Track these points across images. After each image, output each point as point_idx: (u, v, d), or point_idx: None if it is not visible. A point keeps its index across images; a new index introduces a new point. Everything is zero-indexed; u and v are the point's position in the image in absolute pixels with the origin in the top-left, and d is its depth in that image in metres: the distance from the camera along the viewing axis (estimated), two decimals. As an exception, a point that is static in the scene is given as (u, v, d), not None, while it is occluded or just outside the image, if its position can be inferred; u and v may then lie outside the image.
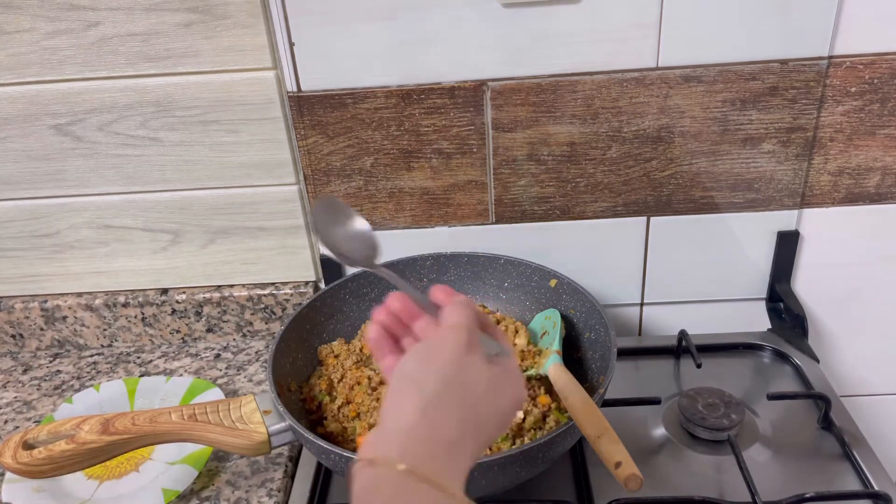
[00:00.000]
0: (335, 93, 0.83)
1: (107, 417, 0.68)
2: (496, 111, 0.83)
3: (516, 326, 0.84)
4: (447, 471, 0.44)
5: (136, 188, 0.90)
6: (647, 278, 0.94)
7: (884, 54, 0.80)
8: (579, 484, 0.75)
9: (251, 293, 0.96)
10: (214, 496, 0.75)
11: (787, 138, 0.84)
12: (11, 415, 0.89)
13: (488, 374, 0.48)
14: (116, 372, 0.95)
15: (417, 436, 0.44)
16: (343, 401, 0.76)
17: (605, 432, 0.60)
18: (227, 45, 0.80)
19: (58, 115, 0.85)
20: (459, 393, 0.46)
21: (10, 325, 0.98)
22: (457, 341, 0.48)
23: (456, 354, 0.47)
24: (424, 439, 0.44)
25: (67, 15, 0.79)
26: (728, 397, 0.80)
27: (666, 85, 0.81)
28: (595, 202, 0.89)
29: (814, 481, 0.73)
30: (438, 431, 0.44)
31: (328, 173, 0.88)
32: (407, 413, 0.45)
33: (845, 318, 0.96)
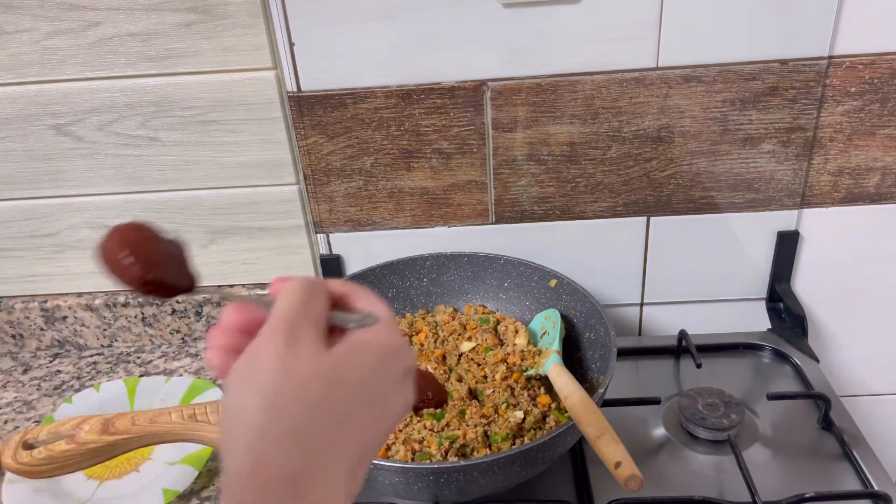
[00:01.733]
0: (335, 93, 0.83)
1: (107, 417, 0.68)
2: (496, 111, 0.83)
3: (516, 326, 0.84)
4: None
5: (136, 188, 0.90)
6: (647, 278, 0.94)
7: (884, 54, 0.80)
8: (579, 484, 0.74)
9: (251, 293, 0.96)
10: (214, 496, 0.75)
11: (787, 138, 0.84)
12: (11, 415, 0.89)
13: (330, 361, 0.37)
14: (116, 372, 0.95)
15: (248, 481, 0.35)
16: (343, 401, 0.76)
17: (605, 432, 0.60)
18: (227, 45, 0.80)
19: (58, 115, 0.85)
20: (293, 406, 0.36)
21: (10, 325, 0.98)
22: (272, 341, 0.37)
23: (274, 359, 0.36)
24: (257, 482, 0.35)
25: (67, 15, 0.79)
26: (728, 397, 0.80)
27: (666, 85, 0.81)
28: (595, 202, 0.89)
29: (814, 481, 0.73)
30: (271, 468, 0.35)
31: (328, 173, 0.88)
32: (237, 454, 0.35)
33: (845, 318, 0.96)
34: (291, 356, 0.37)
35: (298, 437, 0.35)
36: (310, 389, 0.36)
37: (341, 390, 0.37)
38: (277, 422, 0.35)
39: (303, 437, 0.36)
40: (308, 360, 0.37)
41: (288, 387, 0.36)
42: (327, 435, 0.36)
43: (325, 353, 0.37)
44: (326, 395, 0.37)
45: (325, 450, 0.36)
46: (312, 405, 0.36)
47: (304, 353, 0.37)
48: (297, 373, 0.36)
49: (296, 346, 0.37)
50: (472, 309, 0.89)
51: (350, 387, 0.37)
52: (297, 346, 0.37)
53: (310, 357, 0.37)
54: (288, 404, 0.36)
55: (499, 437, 0.69)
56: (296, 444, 0.35)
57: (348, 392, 0.37)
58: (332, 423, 0.37)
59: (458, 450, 0.68)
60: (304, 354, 0.37)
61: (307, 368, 0.37)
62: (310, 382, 0.36)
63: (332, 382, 0.37)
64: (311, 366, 0.37)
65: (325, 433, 0.36)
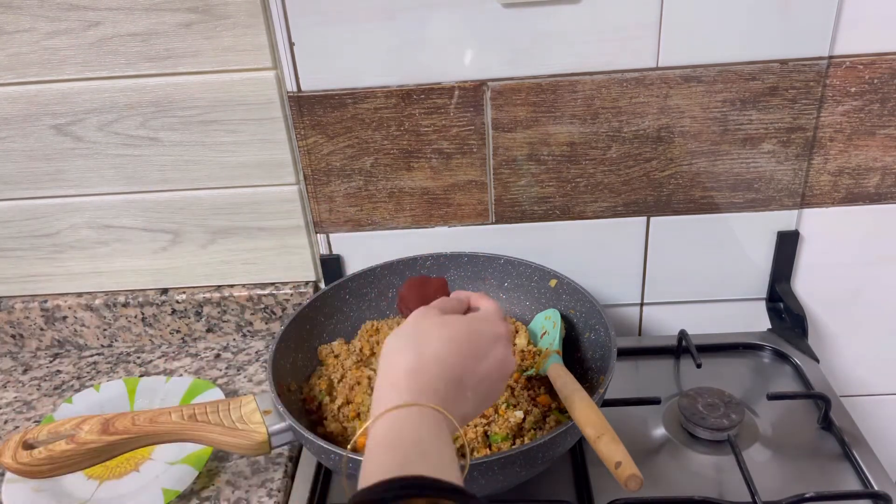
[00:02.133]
0: (335, 93, 0.83)
1: (107, 417, 0.68)
2: (496, 111, 0.83)
3: (516, 326, 0.84)
4: (448, 404, 0.53)
5: (136, 188, 0.90)
6: (647, 278, 0.94)
7: (884, 54, 0.80)
8: (579, 484, 0.75)
9: (251, 293, 0.96)
10: (214, 496, 0.75)
11: (787, 138, 0.84)
12: (11, 415, 0.89)
13: (463, 321, 0.59)
14: (116, 372, 0.95)
15: (415, 375, 0.53)
16: (343, 401, 0.76)
17: (605, 432, 0.60)
18: (227, 45, 0.80)
19: (58, 115, 0.85)
20: (444, 337, 0.56)
21: (10, 325, 0.98)
22: (424, 313, 0.59)
23: (430, 318, 0.58)
24: (423, 376, 0.53)
25: (67, 15, 0.79)
26: (728, 397, 0.80)
27: (666, 85, 0.81)
28: (595, 202, 0.89)
29: (814, 481, 0.73)
30: (435, 367, 0.54)
31: (328, 173, 0.88)
32: (401, 366, 0.54)
33: (845, 318, 0.96)
34: (440, 318, 0.59)
35: (450, 352, 0.56)
36: (453, 334, 0.57)
37: (474, 339, 0.58)
38: (438, 353, 0.55)
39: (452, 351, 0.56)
40: (451, 317, 0.59)
41: (444, 329, 0.57)
42: (472, 365, 0.56)
43: (459, 317, 0.60)
44: (464, 340, 0.57)
45: (464, 369, 0.56)
46: (458, 345, 0.56)
47: (448, 316, 0.60)
48: (445, 323, 0.58)
49: (444, 314, 0.60)
50: (472, 309, 0.89)
51: (477, 337, 0.58)
52: (440, 314, 0.60)
53: (451, 317, 0.59)
54: (443, 336, 0.56)
55: (499, 437, 0.69)
56: (454, 352, 0.56)
57: (476, 340, 0.58)
58: (473, 359, 0.57)
59: (458, 450, 0.68)
60: (448, 316, 0.60)
61: (451, 322, 0.58)
62: (454, 330, 0.57)
63: (468, 333, 0.58)
64: (452, 321, 0.59)
65: (471, 365, 0.56)
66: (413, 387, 0.52)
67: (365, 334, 0.86)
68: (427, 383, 0.53)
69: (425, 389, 0.52)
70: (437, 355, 0.55)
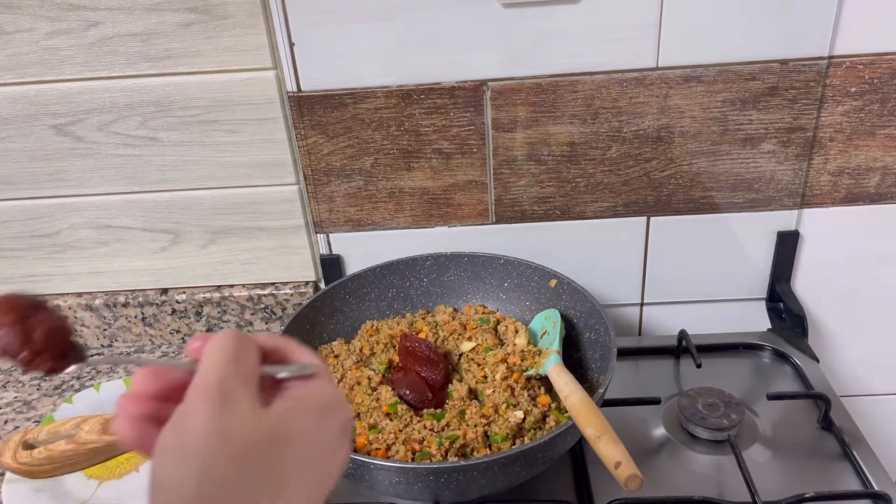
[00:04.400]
0: (335, 93, 0.83)
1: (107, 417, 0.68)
2: (496, 111, 0.83)
3: (516, 326, 0.84)
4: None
5: (136, 188, 0.90)
6: (647, 278, 0.94)
7: (884, 54, 0.80)
8: (579, 484, 0.75)
9: (251, 293, 0.96)
10: (214, 496, 0.75)
11: (787, 138, 0.84)
12: (11, 415, 0.89)
13: (269, 420, 0.35)
14: (116, 372, 0.95)
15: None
16: (343, 401, 0.76)
17: (605, 432, 0.60)
18: (227, 45, 0.80)
19: (58, 115, 0.85)
20: (231, 473, 0.33)
21: (10, 325, 0.98)
22: (203, 403, 0.34)
23: (207, 423, 0.33)
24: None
25: (67, 15, 0.79)
26: (728, 397, 0.80)
27: (666, 85, 0.81)
28: (595, 202, 0.89)
29: (814, 481, 0.73)
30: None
31: (328, 173, 0.88)
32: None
33: (845, 318, 0.96)
34: (226, 418, 0.34)
35: (249, 499, 0.34)
36: (248, 453, 0.34)
37: (281, 451, 0.35)
38: (214, 493, 0.33)
39: (253, 497, 0.34)
40: (244, 420, 0.34)
41: (224, 452, 0.33)
42: (268, 500, 0.34)
43: (262, 412, 0.35)
44: (266, 456, 0.34)
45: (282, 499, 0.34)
46: (251, 470, 0.34)
47: (240, 414, 0.34)
48: (234, 436, 0.34)
49: (230, 407, 0.34)
50: (472, 309, 0.89)
51: (291, 446, 0.35)
52: (231, 407, 0.34)
53: (246, 417, 0.34)
54: (226, 472, 0.33)
55: (499, 437, 0.69)
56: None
57: (288, 452, 0.35)
58: (273, 487, 0.34)
59: (458, 450, 0.68)
60: (239, 415, 0.34)
61: (244, 430, 0.34)
62: (248, 445, 0.34)
63: (273, 442, 0.35)
64: (249, 427, 0.34)
65: (266, 498, 0.34)
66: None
67: (365, 334, 0.86)
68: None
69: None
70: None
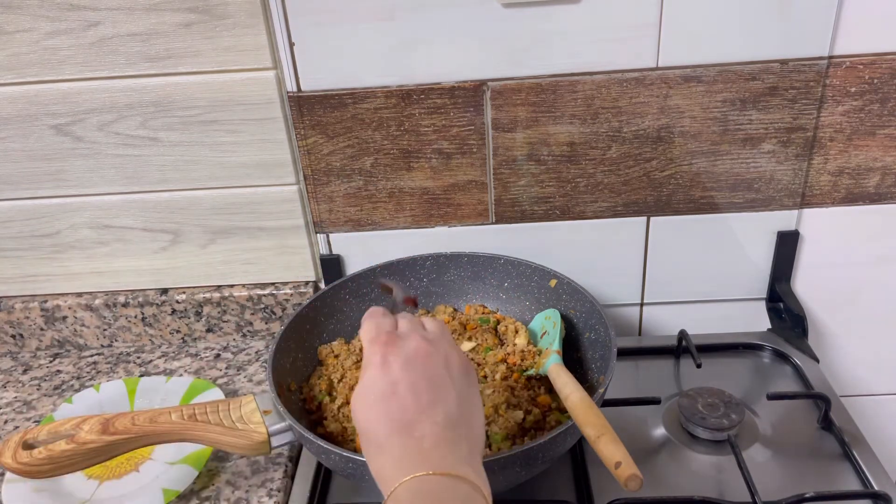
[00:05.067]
0: (335, 93, 0.83)
1: (107, 417, 0.68)
2: (496, 111, 0.83)
3: (516, 326, 0.84)
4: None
5: (136, 188, 0.90)
6: (647, 278, 0.94)
7: (884, 54, 0.80)
8: (579, 484, 0.75)
9: (251, 293, 0.96)
10: (214, 496, 0.75)
11: (787, 138, 0.84)
12: (11, 415, 0.89)
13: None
14: (116, 372, 0.95)
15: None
16: (343, 401, 0.76)
17: (605, 432, 0.60)
18: (227, 45, 0.80)
19: (58, 115, 0.85)
20: (400, 378, 0.53)
21: (10, 325, 0.98)
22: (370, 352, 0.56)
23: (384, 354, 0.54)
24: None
25: (67, 15, 0.79)
26: (728, 397, 0.80)
27: (666, 85, 0.81)
28: (595, 202, 0.89)
29: (814, 481, 0.73)
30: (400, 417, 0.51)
31: (328, 173, 0.88)
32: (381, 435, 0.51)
33: (845, 318, 0.96)
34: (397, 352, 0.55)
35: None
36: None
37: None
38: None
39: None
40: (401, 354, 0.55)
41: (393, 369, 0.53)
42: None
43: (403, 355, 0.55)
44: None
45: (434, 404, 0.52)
46: (413, 382, 0.53)
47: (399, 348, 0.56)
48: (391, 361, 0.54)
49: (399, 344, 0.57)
50: (472, 309, 0.89)
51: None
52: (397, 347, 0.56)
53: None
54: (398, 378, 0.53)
55: (499, 437, 0.69)
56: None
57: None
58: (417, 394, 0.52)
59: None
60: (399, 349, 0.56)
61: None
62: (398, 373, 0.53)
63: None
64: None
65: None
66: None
67: (365, 334, 0.85)
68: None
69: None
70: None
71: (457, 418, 0.52)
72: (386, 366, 0.53)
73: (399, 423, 0.51)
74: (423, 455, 0.49)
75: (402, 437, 0.50)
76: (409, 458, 0.49)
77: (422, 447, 0.50)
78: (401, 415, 0.51)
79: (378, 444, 0.51)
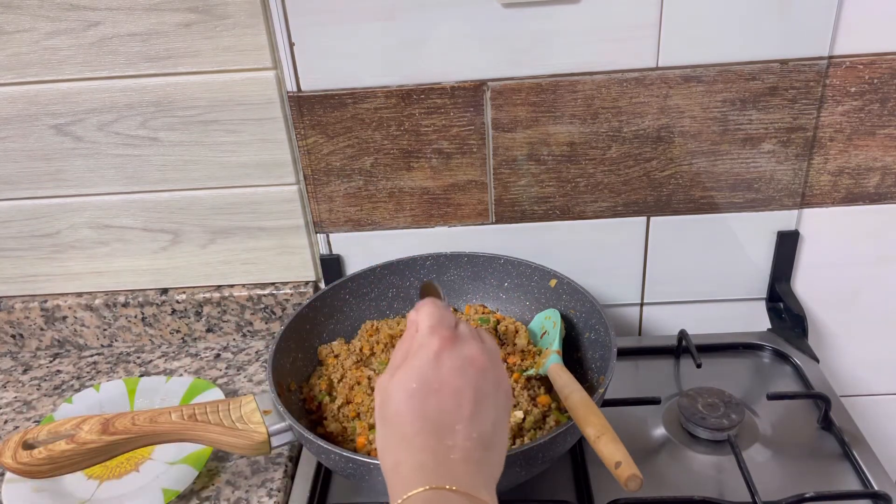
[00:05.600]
0: (335, 93, 0.83)
1: (107, 417, 0.68)
2: (496, 111, 0.83)
3: (516, 326, 0.84)
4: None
5: (136, 188, 0.90)
6: (647, 278, 0.94)
7: (884, 54, 0.80)
8: (579, 484, 0.75)
9: (251, 293, 0.96)
10: (214, 496, 0.75)
11: (787, 138, 0.84)
12: (11, 415, 0.89)
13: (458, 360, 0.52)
14: (116, 372, 0.95)
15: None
16: (343, 401, 0.76)
17: (605, 432, 0.60)
18: (227, 45, 0.80)
19: (58, 115, 0.85)
20: (441, 378, 0.51)
21: (10, 325, 0.98)
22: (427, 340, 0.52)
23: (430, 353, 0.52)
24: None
25: (67, 15, 0.79)
26: (728, 397, 0.80)
27: (666, 85, 0.81)
28: (595, 202, 0.89)
29: (814, 481, 0.73)
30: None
31: (328, 173, 0.88)
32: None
33: (845, 318, 0.96)
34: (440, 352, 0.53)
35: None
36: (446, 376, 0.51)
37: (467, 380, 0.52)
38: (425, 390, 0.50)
39: None
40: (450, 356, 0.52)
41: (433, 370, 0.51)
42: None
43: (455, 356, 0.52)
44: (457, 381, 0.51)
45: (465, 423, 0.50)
46: (452, 384, 0.50)
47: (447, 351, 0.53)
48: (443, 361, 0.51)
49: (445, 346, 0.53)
50: (472, 309, 0.89)
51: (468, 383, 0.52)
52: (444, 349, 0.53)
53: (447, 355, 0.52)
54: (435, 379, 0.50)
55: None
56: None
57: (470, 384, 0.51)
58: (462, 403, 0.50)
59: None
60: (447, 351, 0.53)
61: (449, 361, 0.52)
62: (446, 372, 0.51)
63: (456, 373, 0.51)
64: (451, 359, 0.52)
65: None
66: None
67: (365, 334, 0.86)
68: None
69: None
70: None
71: (489, 441, 0.50)
72: (439, 360, 0.50)
73: (433, 423, 0.48)
74: (449, 466, 0.47)
75: (432, 439, 0.48)
76: (432, 465, 0.47)
77: (449, 457, 0.47)
78: (437, 415, 0.48)
79: (402, 436, 0.48)
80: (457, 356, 0.51)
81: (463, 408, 0.49)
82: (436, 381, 0.49)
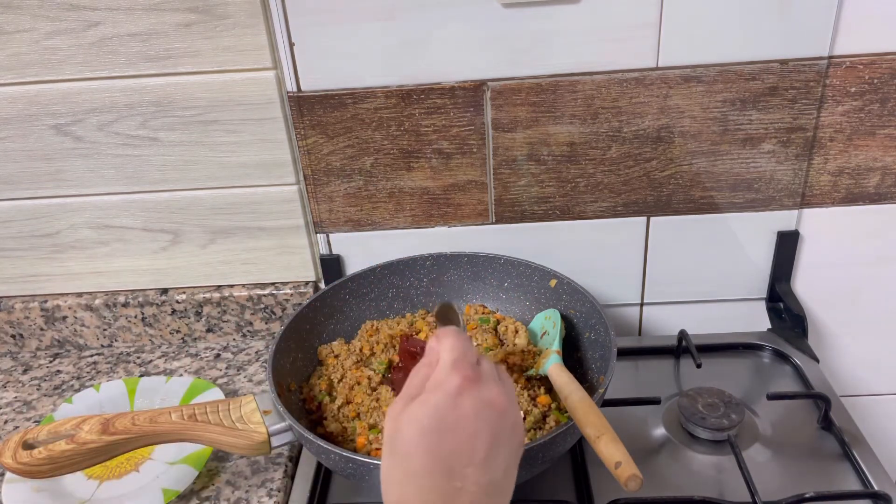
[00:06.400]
0: (335, 93, 0.83)
1: (107, 417, 0.68)
2: (496, 111, 0.83)
3: (516, 326, 0.84)
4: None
5: (136, 188, 0.90)
6: (647, 278, 0.94)
7: (884, 54, 0.80)
8: (579, 484, 0.75)
9: (251, 293, 0.96)
10: (214, 496, 0.75)
11: (787, 138, 0.84)
12: (11, 415, 0.89)
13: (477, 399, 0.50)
14: (116, 372, 0.95)
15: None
16: (343, 401, 0.76)
17: (605, 432, 0.60)
18: (227, 45, 0.80)
19: (58, 115, 0.85)
20: (456, 417, 0.49)
21: (10, 325, 0.98)
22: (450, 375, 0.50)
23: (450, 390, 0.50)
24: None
25: (67, 15, 0.79)
26: (728, 397, 0.80)
27: (666, 85, 0.81)
28: (595, 202, 0.89)
29: (814, 481, 0.73)
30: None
31: (328, 173, 0.88)
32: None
33: (845, 318, 0.96)
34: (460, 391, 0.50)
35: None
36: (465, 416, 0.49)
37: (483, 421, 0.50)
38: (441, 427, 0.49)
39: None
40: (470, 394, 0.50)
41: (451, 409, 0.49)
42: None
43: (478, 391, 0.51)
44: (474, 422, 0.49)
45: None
46: (467, 424, 0.49)
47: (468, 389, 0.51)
48: (461, 401, 0.49)
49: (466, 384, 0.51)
50: (472, 309, 0.89)
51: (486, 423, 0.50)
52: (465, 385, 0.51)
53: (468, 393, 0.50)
54: (450, 416, 0.49)
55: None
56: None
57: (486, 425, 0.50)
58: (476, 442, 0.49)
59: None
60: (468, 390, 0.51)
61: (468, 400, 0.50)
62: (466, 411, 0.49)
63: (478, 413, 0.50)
64: (472, 399, 0.50)
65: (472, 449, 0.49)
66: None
67: (365, 334, 0.86)
68: None
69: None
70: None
71: (498, 488, 0.49)
72: (458, 400, 0.48)
73: (444, 464, 0.47)
74: None
75: (441, 480, 0.47)
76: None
77: (456, 500, 0.46)
78: (449, 456, 0.47)
79: (410, 472, 0.47)
80: (477, 398, 0.49)
81: (477, 452, 0.48)
82: (452, 420, 0.48)
